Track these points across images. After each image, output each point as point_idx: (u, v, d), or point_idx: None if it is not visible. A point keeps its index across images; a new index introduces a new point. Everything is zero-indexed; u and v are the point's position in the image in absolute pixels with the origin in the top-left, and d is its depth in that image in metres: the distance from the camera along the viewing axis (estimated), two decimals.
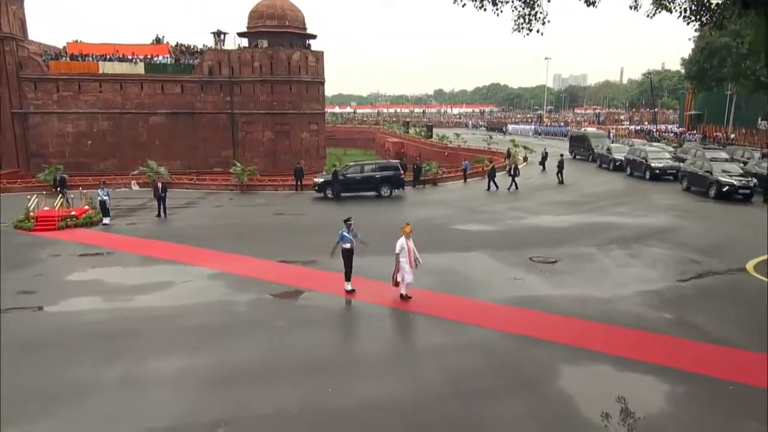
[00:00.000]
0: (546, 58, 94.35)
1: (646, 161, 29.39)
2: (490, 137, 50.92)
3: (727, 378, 8.26)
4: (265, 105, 41.91)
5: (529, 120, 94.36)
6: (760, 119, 57.14)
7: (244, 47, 42.98)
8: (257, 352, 9.47)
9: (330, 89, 46.91)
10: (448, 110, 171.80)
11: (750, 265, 14.09)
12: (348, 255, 11.88)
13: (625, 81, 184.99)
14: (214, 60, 41.48)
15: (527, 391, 8.04)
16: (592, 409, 7.55)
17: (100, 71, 39.92)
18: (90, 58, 40.45)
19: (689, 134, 52.69)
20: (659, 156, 29.89)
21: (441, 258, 15.12)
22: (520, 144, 42.81)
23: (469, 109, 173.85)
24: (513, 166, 30.08)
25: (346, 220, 12.03)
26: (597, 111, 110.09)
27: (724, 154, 28.60)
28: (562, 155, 32.33)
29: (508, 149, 38.39)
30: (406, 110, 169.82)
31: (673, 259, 14.71)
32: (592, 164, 36.84)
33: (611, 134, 50.35)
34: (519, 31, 15.70)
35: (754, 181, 22.90)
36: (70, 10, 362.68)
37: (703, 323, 10.37)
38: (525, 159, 39.88)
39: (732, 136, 47.48)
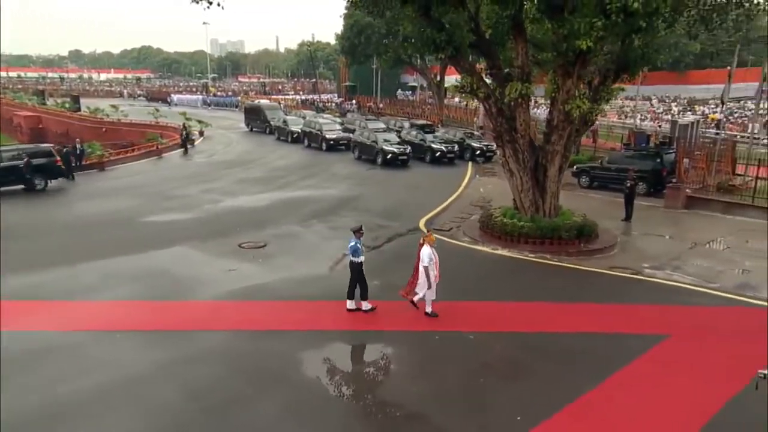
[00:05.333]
0: (204, 23, 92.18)
1: (321, 133, 32.40)
2: (156, 110, 47.63)
3: (433, 329, 10.15)
4: None
5: (195, 90, 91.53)
6: (399, 90, 69.37)
7: None
8: None
9: None
10: (94, 76, 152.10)
11: (421, 224, 17.33)
12: (359, 269, 10.50)
13: (282, 50, 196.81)
14: None
15: (277, 388, 8.24)
16: (337, 387, 8.29)
17: None
18: None
19: (347, 104, 60.03)
20: (332, 128, 33.31)
21: (139, 260, 13.76)
22: (193, 117, 41.37)
23: (120, 75, 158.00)
24: (185, 135, 32.71)
25: (357, 230, 10.57)
26: (261, 80, 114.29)
27: (381, 125, 33.76)
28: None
29: (183, 124, 36.68)
30: (34, 75, 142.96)
31: (366, 226, 16.73)
32: (270, 137, 38.51)
33: (282, 105, 53.25)
34: (197, 3, 15.05)
35: (409, 148, 27.90)
36: None
37: (402, 283, 12.30)
38: (201, 134, 38.91)
39: (381, 105, 56.24)
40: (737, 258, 14.29)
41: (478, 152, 29.05)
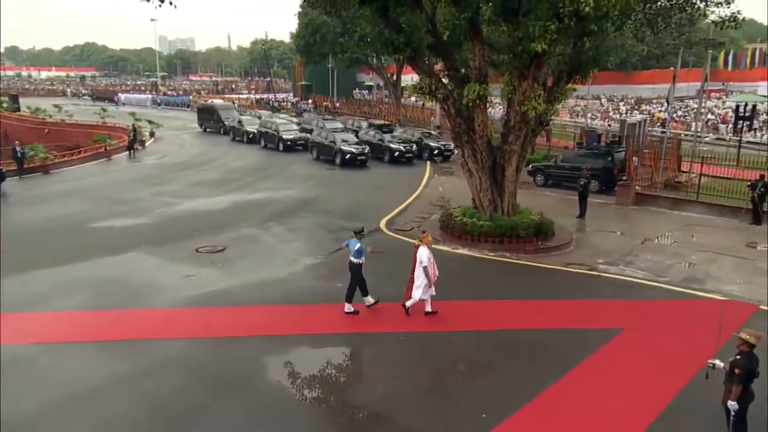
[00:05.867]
0: (152, 20, 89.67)
1: (278, 133, 32.05)
2: (104, 110, 45.96)
3: (398, 330, 10.24)
4: None
5: (144, 88, 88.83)
6: (357, 89, 69.37)
7: None
8: None
9: None
10: (34, 74, 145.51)
11: (382, 224, 17.41)
12: (359, 270, 10.75)
13: (234, 48, 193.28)
14: None
15: (239, 395, 8.14)
16: (303, 392, 8.26)
17: None
18: None
19: (303, 104, 59.52)
20: (289, 128, 33.00)
21: (90, 267, 13.31)
22: (143, 118, 40.19)
23: (63, 73, 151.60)
24: (132, 137, 31.58)
25: (359, 231, 10.99)
26: (214, 79, 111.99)
27: (339, 125, 33.66)
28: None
29: (133, 125, 35.59)
30: None
31: (326, 228, 16.83)
32: (225, 137, 37.81)
33: (236, 105, 52.38)
34: (148, 0, 14.67)
35: (368, 148, 27.93)
36: None
37: (369, 285, 12.39)
38: (152, 135, 37.87)
39: (338, 105, 56.05)
40: (684, 252, 14.98)
41: (436, 152, 29.35)
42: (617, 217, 18.73)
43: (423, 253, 10.43)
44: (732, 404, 6.44)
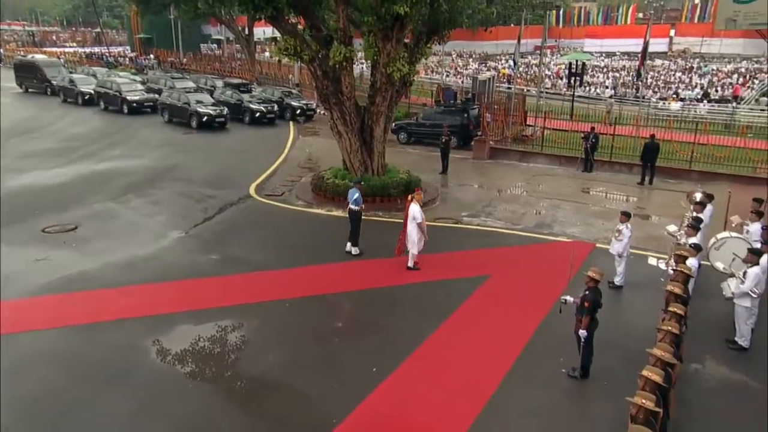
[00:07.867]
0: None
1: (121, 94, 29.34)
2: None
3: (282, 298, 10.44)
4: None
5: None
6: (208, 43, 65.31)
7: None
8: None
9: None
10: None
11: (252, 190, 17.15)
12: (359, 217, 12.30)
13: None
14: None
15: (122, 383, 7.88)
16: (191, 370, 8.23)
17: None
18: None
19: (143, 59, 54.66)
20: (133, 88, 30.28)
21: None
22: None
23: None
24: None
25: (357, 182, 12.87)
26: (28, 28, 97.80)
27: (191, 84, 31.70)
28: None
29: None
30: None
31: (192, 198, 16.15)
32: (54, 99, 33.69)
33: (62, 60, 46.67)
34: None
35: (226, 109, 26.78)
36: None
37: (243, 254, 12.34)
38: None
39: (185, 61, 52.38)
40: (533, 201, 16.85)
41: (298, 111, 28.96)
42: (475, 171, 20.34)
43: (416, 210, 11.19)
44: (582, 332, 7.69)
